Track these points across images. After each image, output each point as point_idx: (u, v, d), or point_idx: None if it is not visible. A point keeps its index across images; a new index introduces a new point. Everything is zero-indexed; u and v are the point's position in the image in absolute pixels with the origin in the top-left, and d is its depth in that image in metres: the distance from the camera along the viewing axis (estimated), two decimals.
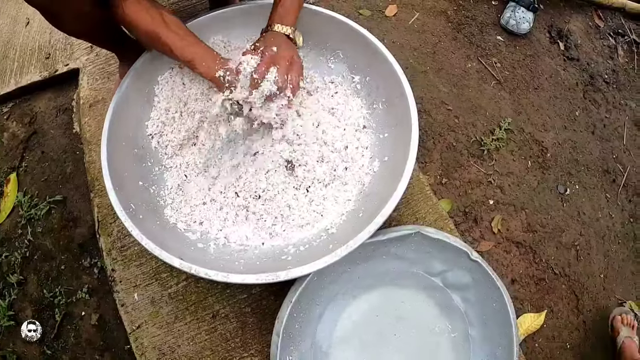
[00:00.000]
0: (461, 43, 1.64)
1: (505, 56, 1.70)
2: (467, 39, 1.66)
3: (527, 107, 1.59)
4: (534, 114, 1.59)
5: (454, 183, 1.33)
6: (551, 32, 1.88)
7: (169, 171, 0.94)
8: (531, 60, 1.75)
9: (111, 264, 1.01)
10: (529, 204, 1.39)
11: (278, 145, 0.87)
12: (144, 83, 0.97)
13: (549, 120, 1.63)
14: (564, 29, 1.90)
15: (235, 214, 0.85)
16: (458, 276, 0.93)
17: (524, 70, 1.71)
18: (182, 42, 0.80)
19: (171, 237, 0.82)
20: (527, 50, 1.77)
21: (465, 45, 1.64)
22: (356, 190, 0.88)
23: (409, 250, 0.89)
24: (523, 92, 1.63)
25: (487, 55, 1.65)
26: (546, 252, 1.39)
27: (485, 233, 1.28)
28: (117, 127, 0.90)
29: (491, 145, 1.41)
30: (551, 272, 1.41)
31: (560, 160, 1.57)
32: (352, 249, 0.71)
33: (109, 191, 0.81)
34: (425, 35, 1.60)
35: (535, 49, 1.79)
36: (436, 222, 1.03)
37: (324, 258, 0.69)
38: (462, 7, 1.76)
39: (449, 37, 1.63)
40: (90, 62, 1.35)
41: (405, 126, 0.87)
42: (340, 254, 0.70)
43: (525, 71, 1.71)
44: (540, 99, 1.66)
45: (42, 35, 1.53)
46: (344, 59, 1.04)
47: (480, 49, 1.65)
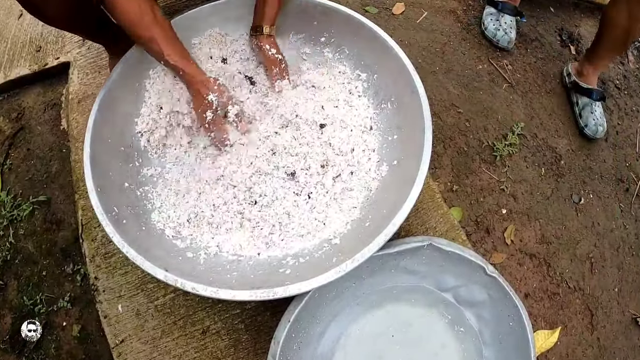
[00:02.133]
0: (471, 44, 1.56)
1: (517, 58, 1.63)
2: (477, 39, 1.60)
3: (539, 112, 1.52)
4: (547, 119, 1.52)
5: (465, 190, 1.25)
6: (562, 35, 1.83)
7: (158, 172, 0.86)
8: (542, 63, 1.69)
9: (94, 271, 0.94)
10: (543, 213, 1.31)
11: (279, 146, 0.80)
12: (134, 77, 0.90)
13: (562, 126, 1.56)
14: (574, 32, 1.85)
15: (229, 221, 0.78)
16: (472, 292, 0.85)
17: (536, 74, 1.64)
18: (169, 45, 0.77)
19: (157, 245, 0.74)
20: (538, 53, 1.71)
21: (475, 46, 1.57)
22: (362, 197, 0.80)
23: (420, 263, 0.81)
24: (535, 96, 1.56)
25: (497, 57, 1.58)
26: (560, 264, 1.32)
27: (497, 244, 1.20)
28: (103, 123, 0.83)
29: (504, 151, 1.33)
30: (565, 286, 1.33)
31: (574, 168, 1.49)
32: (359, 263, 0.63)
33: (90, 192, 0.73)
34: (434, 34, 1.52)
35: (547, 52, 1.73)
36: (447, 232, 0.95)
37: (327, 273, 0.61)
38: (471, 7, 1.69)
39: (458, 37, 1.56)
40: (81, 56, 1.28)
41: (417, 127, 0.79)
42: (345, 268, 0.62)
43: (537, 74, 1.64)
44: (553, 103, 1.59)
45: (34, 28, 1.47)
46: (349, 56, 0.97)
47: (490, 51, 1.58)
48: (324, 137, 0.83)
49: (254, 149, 0.83)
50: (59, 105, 1.31)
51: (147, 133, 0.89)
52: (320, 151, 0.81)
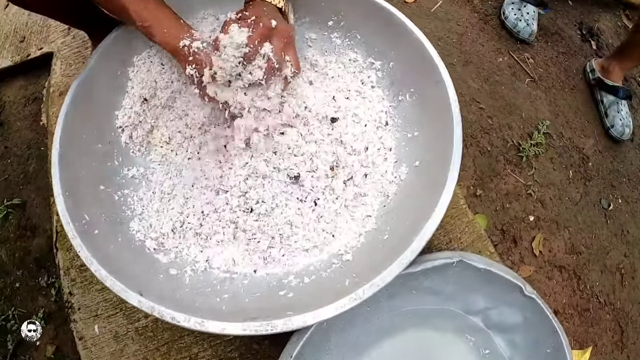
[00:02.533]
0: (489, 35, 1.45)
1: (538, 52, 1.52)
2: (496, 30, 1.48)
3: (564, 109, 1.40)
4: (572, 117, 1.40)
5: (490, 195, 1.13)
6: (582, 29, 1.73)
7: (141, 173, 0.75)
8: (564, 58, 1.58)
9: (69, 286, 0.82)
10: (572, 220, 1.19)
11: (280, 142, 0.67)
12: (115, 64, 0.79)
13: (588, 125, 1.44)
14: (594, 27, 1.75)
15: (221, 232, 0.65)
16: (505, 315, 0.74)
17: (558, 69, 1.52)
18: (141, 2, 0.62)
19: (135, 260, 0.62)
20: (559, 47, 1.60)
21: (494, 37, 1.45)
22: (377, 204, 0.68)
23: (446, 283, 0.69)
24: (559, 92, 1.44)
25: (518, 49, 1.46)
26: (590, 277, 1.20)
27: (525, 255, 1.08)
28: (78, 115, 0.72)
29: (530, 152, 1.21)
30: (596, 301, 1.21)
31: (601, 170, 1.38)
32: (379, 288, 0.51)
33: (57, 197, 0.62)
34: (449, 24, 1.40)
35: (568, 46, 1.62)
36: (473, 243, 0.83)
37: (339, 301, 0.49)
38: None
39: (475, 28, 1.44)
40: (65, 46, 1.17)
41: (443, 123, 0.67)
42: (362, 295, 0.50)
43: (560, 69, 1.53)
44: (577, 100, 1.47)
45: (19, 18, 1.36)
46: (361, 41, 0.85)
47: (510, 43, 1.47)
48: (335, 133, 0.71)
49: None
50: (40, 99, 1.20)
51: (129, 128, 0.77)
52: (330, 150, 0.69)
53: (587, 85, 1.53)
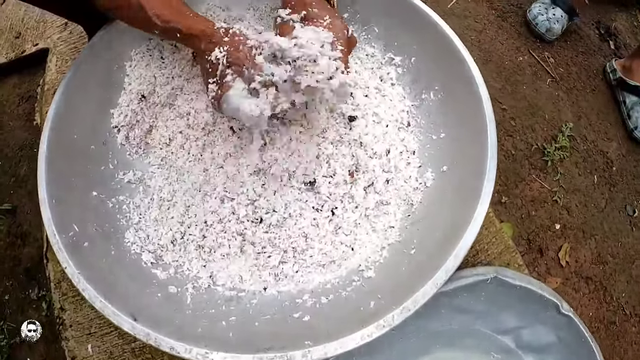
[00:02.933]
0: (508, 33, 1.38)
1: (558, 51, 1.45)
2: (515, 28, 1.41)
3: (587, 111, 1.33)
4: (595, 119, 1.33)
5: (515, 202, 1.06)
6: (599, 28, 1.67)
7: (138, 177, 0.68)
8: (584, 57, 1.51)
9: (60, 300, 0.75)
10: (598, 228, 1.12)
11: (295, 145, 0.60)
12: (110, 58, 0.72)
13: (611, 128, 1.37)
14: (611, 26, 1.69)
15: (226, 244, 0.58)
16: (538, 334, 0.68)
17: (579, 69, 1.46)
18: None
19: (129, 277, 0.55)
20: (578, 47, 1.53)
21: (514, 35, 1.38)
22: (401, 213, 0.61)
23: (477, 301, 0.62)
24: (581, 93, 1.37)
25: (538, 48, 1.39)
26: (617, 288, 1.13)
27: (551, 266, 1.01)
28: (69, 113, 0.65)
29: (555, 155, 1.14)
30: (622, 313, 1.14)
31: (626, 175, 1.30)
32: (411, 313, 0.44)
33: (42, 204, 0.56)
34: (467, 21, 1.34)
35: (587, 45, 1.56)
36: (501, 255, 0.76)
37: (366, 329, 0.42)
38: None
39: (494, 26, 1.38)
40: (62, 41, 1.11)
41: (473, 123, 0.61)
42: (392, 322, 0.43)
43: (580, 69, 1.46)
44: (599, 102, 1.40)
45: (16, 14, 1.30)
46: (379, 35, 0.78)
47: (530, 41, 1.40)
48: (354, 133, 0.64)
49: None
50: (34, 97, 1.14)
51: (125, 128, 0.70)
52: (349, 152, 0.62)
53: (608, 86, 1.46)
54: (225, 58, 0.54)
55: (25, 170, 1.02)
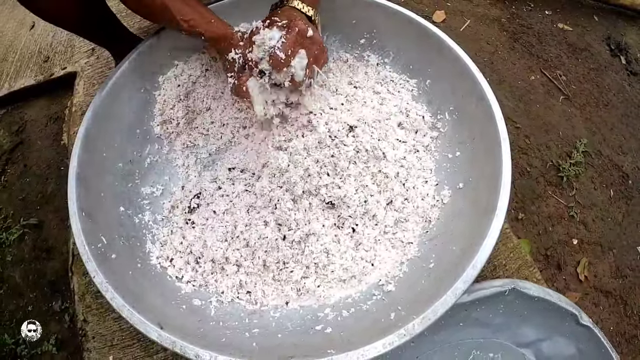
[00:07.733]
0: (520, 53, 1.40)
1: (569, 69, 1.47)
2: (526, 49, 1.44)
3: (600, 127, 1.34)
4: (609, 134, 1.34)
5: (532, 218, 1.06)
6: (610, 44, 1.68)
7: (164, 194, 0.70)
8: (596, 74, 1.53)
9: (83, 312, 0.77)
10: (616, 242, 1.12)
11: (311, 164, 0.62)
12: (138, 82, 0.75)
13: (625, 142, 1.38)
14: (621, 41, 1.70)
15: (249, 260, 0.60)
16: (558, 346, 0.68)
17: (591, 85, 1.47)
18: (182, 5, 0.62)
19: (155, 289, 0.57)
20: (589, 64, 1.55)
21: (525, 55, 1.41)
22: (419, 229, 0.62)
23: (496, 313, 0.62)
24: (594, 109, 1.39)
25: (550, 67, 1.41)
26: (637, 301, 1.11)
27: (570, 281, 1.01)
28: (99, 132, 0.68)
29: (570, 171, 1.15)
30: None
31: None
32: (431, 322, 0.45)
33: (72, 217, 0.58)
34: (480, 43, 1.36)
35: (598, 62, 1.57)
36: (519, 270, 0.76)
37: (388, 338, 0.43)
38: (515, 16, 1.55)
39: (505, 47, 1.40)
40: (89, 66, 1.16)
41: (488, 141, 0.62)
42: (412, 331, 0.44)
43: (592, 86, 1.47)
44: (612, 117, 1.41)
45: (45, 38, 1.37)
46: (395, 59, 0.81)
47: (542, 61, 1.42)
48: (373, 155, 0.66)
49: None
50: (62, 118, 1.18)
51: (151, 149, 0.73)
52: (369, 172, 0.64)
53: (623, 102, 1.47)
54: (240, 59, 0.63)
55: (52, 188, 1.06)
